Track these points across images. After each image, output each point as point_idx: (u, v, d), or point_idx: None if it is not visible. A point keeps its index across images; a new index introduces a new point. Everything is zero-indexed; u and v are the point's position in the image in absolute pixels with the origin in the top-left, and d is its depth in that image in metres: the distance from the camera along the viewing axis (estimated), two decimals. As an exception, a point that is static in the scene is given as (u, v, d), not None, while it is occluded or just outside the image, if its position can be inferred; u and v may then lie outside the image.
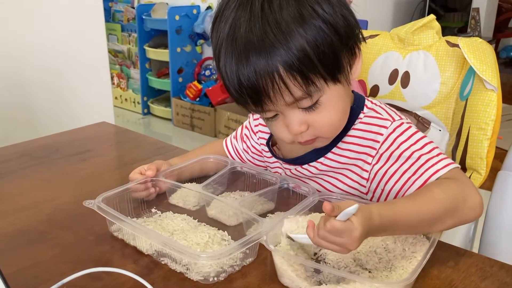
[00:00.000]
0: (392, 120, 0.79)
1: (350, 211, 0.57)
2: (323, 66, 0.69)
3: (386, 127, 0.79)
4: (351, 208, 0.56)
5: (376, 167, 0.79)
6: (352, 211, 0.57)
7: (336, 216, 0.58)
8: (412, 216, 0.66)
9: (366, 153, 0.80)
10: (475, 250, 1.02)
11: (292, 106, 0.71)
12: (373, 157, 0.79)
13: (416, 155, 0.75)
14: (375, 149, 0.79)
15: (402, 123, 0.79)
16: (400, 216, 0.65)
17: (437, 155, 0.74)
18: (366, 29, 3.25)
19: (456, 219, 0.69)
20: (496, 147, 0.98)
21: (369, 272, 0.65)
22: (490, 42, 4.20)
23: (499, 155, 1.04)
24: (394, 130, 0.78)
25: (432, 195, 0.68)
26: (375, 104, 0.84)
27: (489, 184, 1.00)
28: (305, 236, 0.63)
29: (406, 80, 1.11)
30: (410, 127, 0.79)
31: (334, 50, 0.69)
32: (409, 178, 0.74)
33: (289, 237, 0.69)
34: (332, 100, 0.73)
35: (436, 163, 0.73)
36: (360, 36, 0.75)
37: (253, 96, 0.70)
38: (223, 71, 0.71)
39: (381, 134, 0.78)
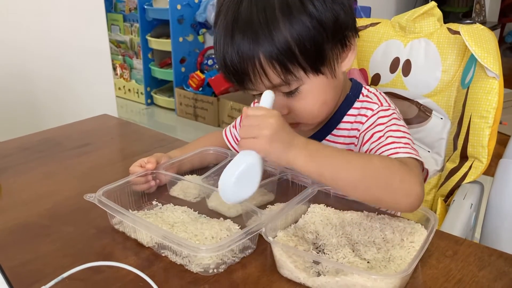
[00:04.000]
0: (379, 105, 0.80)
1: (265, 93, 0.66)
2: (304, 59, 0.70)
3: (372, 110, 0.80)
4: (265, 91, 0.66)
5: (359, 147, 0.80)
6: (268, 93, 0.65)
7: None
8: (340, 162, 0.66)
9: (355, 136, 0.82)
10: (477, 237, 1.02)
11: (274, 90, 0.73)
12: (358, 138, 0.81)
13: (386, 135, 0.75)
14: (359, 130, 0.81)
15: (389, 109, 0.80)
16: (328, 156, 0.66)
17: (405, 143, 0.74)
18: (370, 15, 3.22)
19: (386, 195, 0.66)
20: (500, 132, 0.98)
21: (368, 262, 0.65)
22: (495, 26, 4.15)
23: (503, 141, 1.04)
24: (377, 112, 0.79)
25: (369, 158, 0.69)
26: (371, 92, 0.84)
27: (492, 170, 1.00)
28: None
29: (407, 68, 1.10)
30: (394, 113, 0.80)
31: (318, 44, 0.70)
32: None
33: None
34: (312, 90, 0.74)
35: (398, 147, 0.73)
36: (354, 29, 0.76)
37: (235, 76, 0.73)
38: (215, 44, 0.74)
39: (366, 116, 0.80)
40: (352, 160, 0.67)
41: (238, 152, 0.98)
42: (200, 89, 3.48)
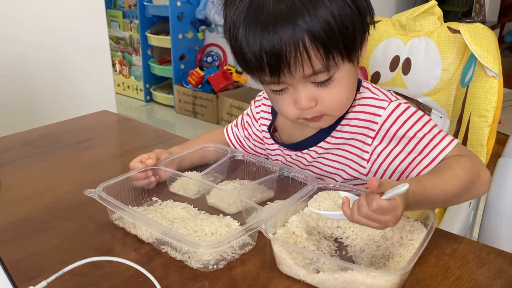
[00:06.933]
0: (389, 101, 0.80)
1: (400, 191, 0.57)
2: (344, 42, 0.70)
3: (384, 108, 0.79)
4: (402, 189, 0.57)
5: (379, 148, 0.79)
6: (402, 191, 0.58)
7: (380, 193, 0.59)
8: (439, 192, 0.69)
9: (363, 134, 0.81)
10: (475, 236, 1.03)
11: (306, 80, 0.72)
12: (373, 138, 0.80)
13: (420, 135, 0.76)
14: (373, 130, 0.80)
15: (400, 104, 0.80)
16: (429, 193, 0.68)
17: (438, 133, 0.77)
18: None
19: (470, 194, 0.73)
20: (498, 132, 0.98)
21: (367, 259, 0.65)
22: (495, 26, 4.15)
23: (502, 141, 1.04)
24: (393, 111, 0.79)
25: (454, 172, 0.71)
26: (369, 83, 0.85)
27: (491, 170, 1.00)
28: (337, 213, 0.64)
29: (407, 66, 1.10)
30: (408, 107, 0.80)
31: (354, 28, 0.71)
32: (415, 158, 0.76)
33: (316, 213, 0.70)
34: (344, 78, 0.74)
35: (440, 141, 0.75)
36: (372, 17, 0.76)
37: (272, 64, 0.69)
38: (242, 40, 0.70)
39: (379, 115, 0.79)
40: (445, 184, 0.70)
41: (235, 147, 0.99)
42: (200, 86, 3.47)
